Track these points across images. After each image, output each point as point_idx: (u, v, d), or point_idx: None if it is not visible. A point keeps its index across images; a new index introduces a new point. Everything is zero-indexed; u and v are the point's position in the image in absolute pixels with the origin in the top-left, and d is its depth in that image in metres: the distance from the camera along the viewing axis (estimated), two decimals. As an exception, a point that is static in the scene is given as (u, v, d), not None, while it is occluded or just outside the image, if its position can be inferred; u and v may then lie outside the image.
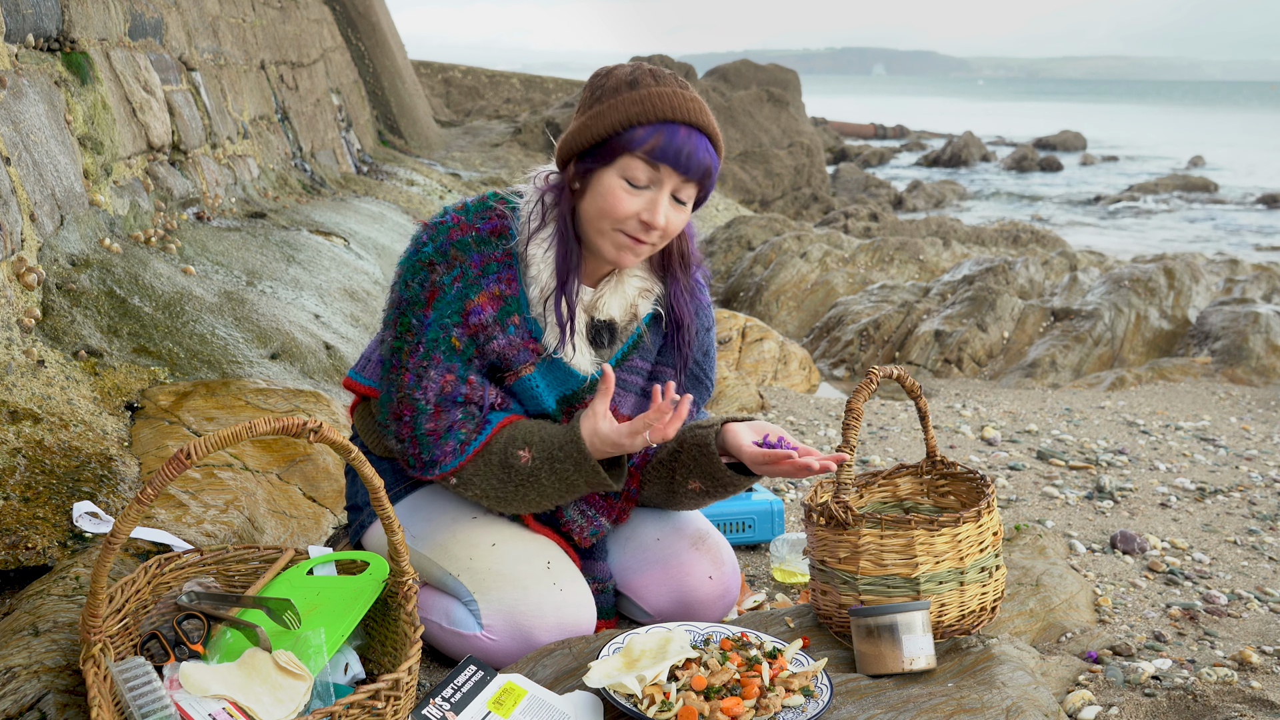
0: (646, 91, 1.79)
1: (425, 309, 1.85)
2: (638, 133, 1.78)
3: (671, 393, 1.78)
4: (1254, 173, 28.90)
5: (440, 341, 1.85)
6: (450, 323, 1.85)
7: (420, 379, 1.85)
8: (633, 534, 2.11)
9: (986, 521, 1.88)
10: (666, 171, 1.79)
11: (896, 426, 4.17)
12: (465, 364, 1.86)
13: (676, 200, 1.84)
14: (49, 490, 2.16)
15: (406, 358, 1.86)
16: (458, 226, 1.87)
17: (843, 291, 7.94)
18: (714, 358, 2.12)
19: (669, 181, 1.81)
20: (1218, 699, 1.88)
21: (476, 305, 1.85)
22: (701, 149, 1.80)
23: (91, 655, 1.42)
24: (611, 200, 1.81)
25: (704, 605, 2.06)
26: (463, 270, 1.85)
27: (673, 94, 1.80)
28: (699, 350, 2.07)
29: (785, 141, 18.20)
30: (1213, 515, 3.17)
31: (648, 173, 1.79)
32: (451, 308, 1.85)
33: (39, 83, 3.46)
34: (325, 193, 7.51)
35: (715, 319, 2.09)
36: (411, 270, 1.87)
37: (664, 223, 1.81)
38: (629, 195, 1.80)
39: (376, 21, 13.70)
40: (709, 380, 2.11)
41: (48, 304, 3.01)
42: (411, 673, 1.50)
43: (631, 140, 1.78)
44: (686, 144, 1.78)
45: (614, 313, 1.95)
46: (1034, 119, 60.89)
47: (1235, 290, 7.49)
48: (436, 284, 1.85)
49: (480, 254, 1.86)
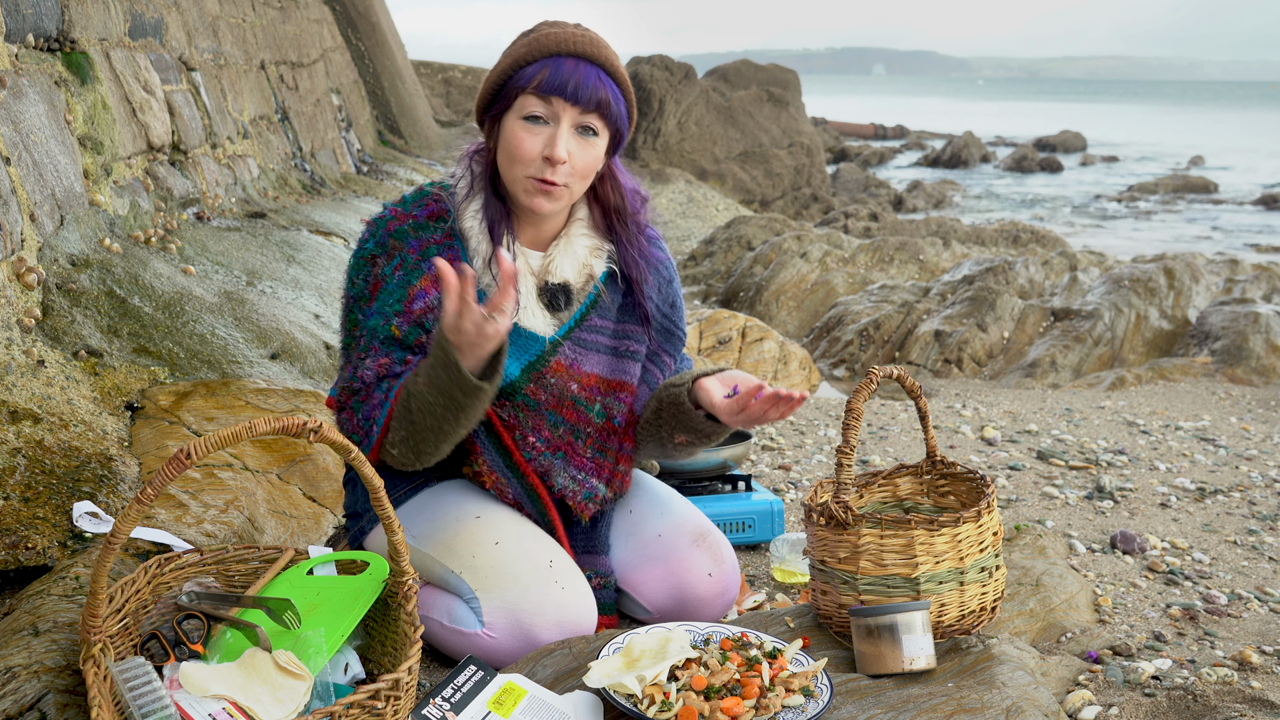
0: (536, 34, 1.85)
1: (369, 302, 1.89)
2: (527, 71, 1.83)
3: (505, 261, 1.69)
4: (1254, 173, 28.91)
5: (379, 330, 1.87)
6: (391, 311, 1.87)
7: (357, 370, 1.88)
8: (634, 530, 2.12)
9: (986, 521, 1.88)
10: (559, 104, 1.83)
11: (896, 426, 4.17)
12: (403, 351, 1.87)
13: (582, 135, 1.86)
14: (49, 490, 2.16)
15: (352, 352, 1.91)
16: (395, 218, 1.92)
17: (843, 291, 7.94)
18: (681, 308, 2.15)
19: (565, 114, 1.84)
20: (1218, 699, 1.88)
21: (420, 290, 1.87)
22: (591, 77, 1.83)
23: (91, 655, 1.42)
24: (514, 143, 1.85)
25: (703, 602, 2.07)
26: (402, 259, 1.89)
27: (561, 31, 1.85)
28: (664, 303, 2.10)
29: (785, 141, 18.19)
30: (1213, 515, 3.17)
31: (542, 107, 1.84)
32: (394, 296, 1.87)
33: (39, 83, 3.46)
34: (325, 193, 7.51)
35: (675, 270, 2.13)
36: (356, 268, 1.91)
37: (565, 154, 1.84)
38: (529, 135, 1.84)
39: (376, 21, 13.70)
40: (679, 330, 2.14)
41: (48, 304, 3.01)
42: (411, 673, 1.50)
43: (522, 78, 1.83)
44: (574, 74, 1.82)
45: (567, 274, 1.97)
46: (1034, 119, 60.91)
47: (1235, 290, 7.49)
48: (379, 276, 1.89)
49: (419, 239, 1.90)
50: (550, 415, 1.99)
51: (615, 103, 1.86)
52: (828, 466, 3.52)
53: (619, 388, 2.04)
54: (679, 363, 2.17)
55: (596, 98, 1.84)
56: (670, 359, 2.13)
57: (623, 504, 2.16)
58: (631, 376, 2.05)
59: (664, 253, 2.11)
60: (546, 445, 1.99)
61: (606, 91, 1.85)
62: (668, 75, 17.28)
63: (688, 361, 2.20)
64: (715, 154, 17.40)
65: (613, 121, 1.88)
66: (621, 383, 2.04)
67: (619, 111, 1.88)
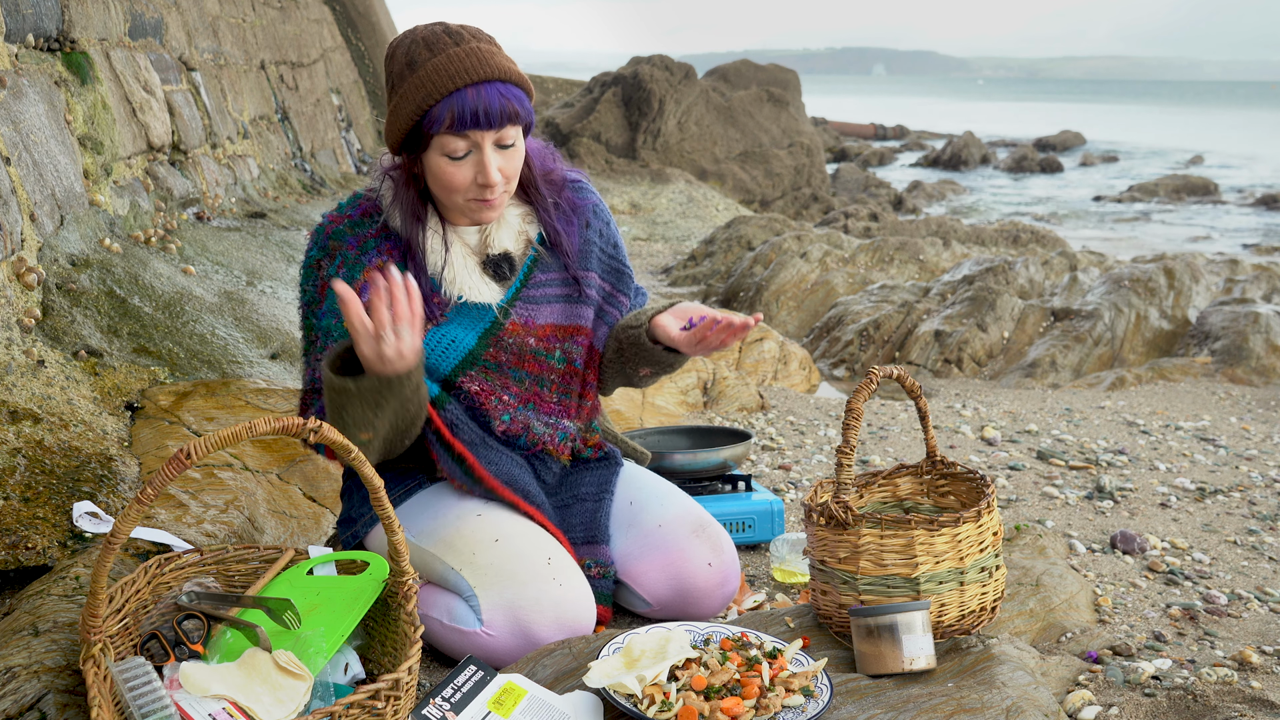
0: (426, 69, 1.85)
1: (319, 304, 1.97)
2: (434, 112, 1.84)
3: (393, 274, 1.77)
4: (1254, 173, 28.90)
5: (333, 330, 1.94)
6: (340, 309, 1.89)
7: (316, 368, 1.95)
8: (634, 520, 2.13)
9: (986, 521, 1.88)
10: (476, 134, 1.86)
11: (896, 426, 4.17)
12: None
13: (503, 149, 1.91)
14: (49, 490, 2.16)
15: (310, 355, 1.99)
16: (332, 222, 2.00)
17: (843, 291, 7.94)
18: (623, 246, 2.22)
19: (485, 139, 1.88)
20: (1218, 699, 1.88)
21: (364, 283, 1.94)
22: (495, 98, 1.85)
23: (91, 655, 1.42)
24: (445, 179, 1.90)
25: (703, 593, 2.07)
26: (343, 257, 1.96)
27: (448, 59, 1.84)
28: (607, 244, 2.17)
29: (785, 141, 18.19)
30: (1213, 515, 3.17)
31: (461, 143, 1.87)
32: None
33: (39, 83, 3.46)
34: (325, 193, 7.51)
35: (607, 209, 2.23)
36: (305, 276, 2.00)
37: (498, 178, 1.90)
38: (456, 168, 1.89)
39: (376, 21, 13.70)
40: (627, 267, 2.21)
41: (48, 304, 3.01)
42: (411, 673, 1.50)
43: (433, 121, 1.85)
44: (479, 103, 1.84)
45: (506, 245, 2.05)
46: (1034, 119, 60.89)
47: (1235, 290, 7.48)
48: (325, 278, 1.97)
49: (356, 236, 1.97)
50: (514, 372, 2.07)
51: (521, 105, 1.90)
52: (828, 466, 3.52)
53: (575, 331, 2.12)
54: (634, 297, 2.24)
55: (506, 114, 1.87)
56: (625, 296, 2.21)
57: (623, 495, 2.17)
58: (585, 319, 2.13)
59: (592, 196, 2.18)
60: (516, 400, 2.07)
61: (513, 103, 1.88)
62: (668, 75, 17.28)
63: (643, 294, 2.28)
64: (715, 154, 17.40)
65: (524, 123, 1.93)
66: (577, 326, 2.12)
67: (525, 109, 1.92)
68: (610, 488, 2.15)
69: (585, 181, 2.18)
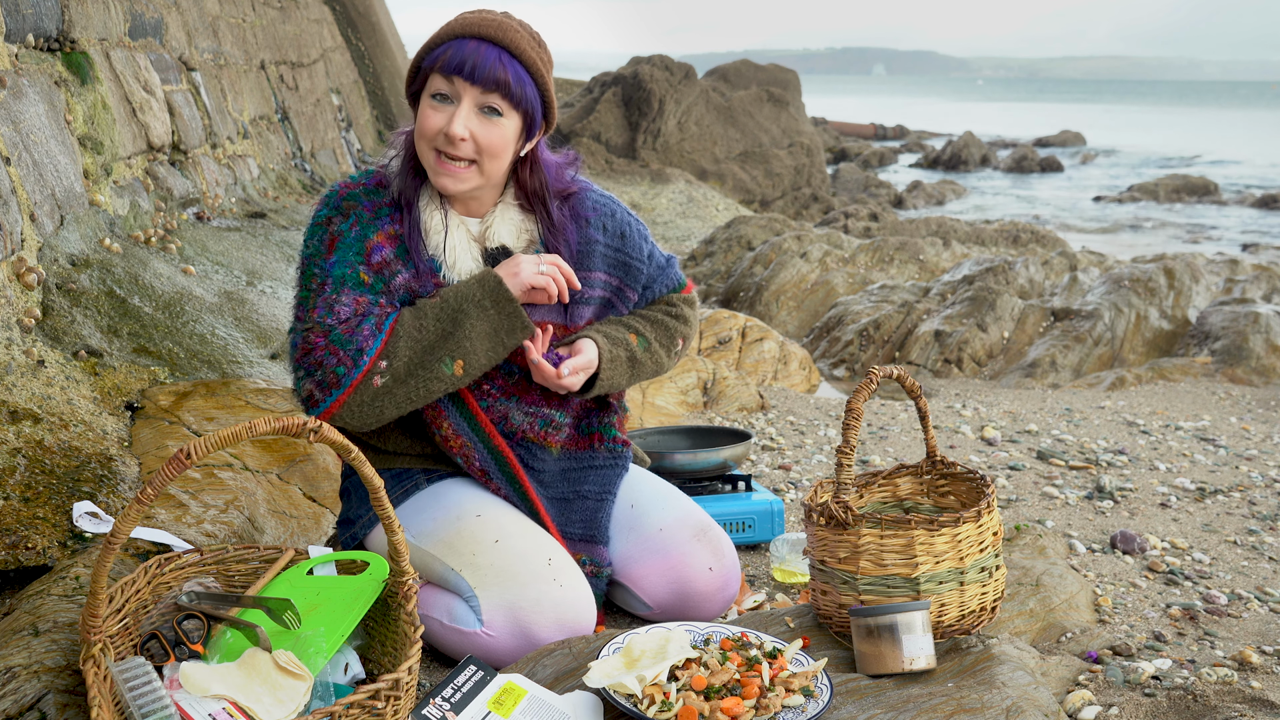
0: (449, 23, 1.93)
1: (327, 255, 1.96)
2: (435, 52, 1.91)
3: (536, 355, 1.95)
4: (1253, 173, 28.89)
5: (348, 278, 1.94)
6: (355, 260, 1.95)
7: (331, 306, 1.93)
8: (635, 524, 2.12)
9: (986, 521, 1.88)
10: (460, 83, 1.89)
11: (896, 426, 4.17)
12: (375, 295, 1.95)
13: (486, 115, 1.91)
14: (49, 490, 2.16)
15: (315, 298, 1.95)
16: (346, 187, 2.02)
17: (843, 291, 7.94)
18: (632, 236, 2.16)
19: (467, 93, 1.89)
20: (1218, 699, 1.88)
21: (376, 243, 1.96)
22: (490, 58, 1.88)
23: (91, 655, 1.42)
24: (422, 121, 1.93)
25: (704, 597, 2.07)
26: (357, 216, 1.97)
27: (472, 15, 1.92)
28: (612, 236, 2.14)
29: (785, 141, 18.19)
30: (1213, 515, 3.17)
31: (446, 85, 1.90)
32: (353, 249, 1.95)
33: (39, 83, 3.46)
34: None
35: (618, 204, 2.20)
36: (311, 232, 2.00)
37: (463, 132, 1.89)
38: (434, 111, 1.91)
39: (376, 21, 13.70)
40: (636, 260, 2.16)
41: (48, 304, 3.01)
42: (411, 673, 1.50)
43: (430, 59, 1.91)
44: (474, 54, 1.87)
45: (505, 239, 2.04)
46: (1034, 119, 60.89)
47: (1235, 290, 7.48)
48: (335, 233, 1.97)
49: (371, 201, 1.99)
50: (504, 364, 2.06)
51: (519, 84, 1.90)
52: (828, 466, 3.52)
53: (570, 331, 2.10)
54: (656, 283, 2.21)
55: (495, 77, 1.88)
56: (631, 291, 2.18)
57: (624, 498, 2.17)
58: (582, 319, 2.12)
59: (593, 195, 2.14)
60: (501, 391, 2.06)
61: (506, 72, 1.89)
62: (668, 75, 17.28)
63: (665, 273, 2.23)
64: (715, 154, 17.40)
65: (518, 103, 1.92)
66: (576, 327, 2.11)
67: (524, 94, 1.92)
68: (613, 489, 2.15)
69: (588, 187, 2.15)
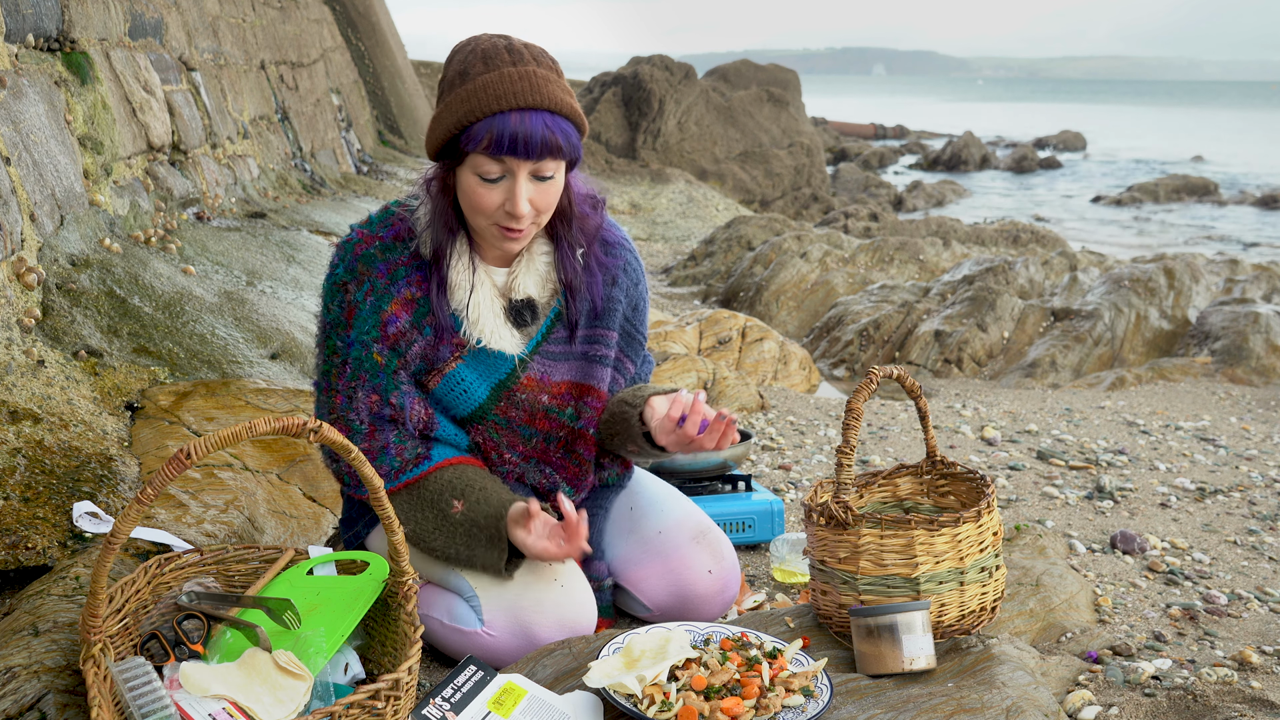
0: (475, 83, 1.77)
1: (346, 329, 1.90)
2: (474, 130, 1.77)
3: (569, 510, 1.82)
4: (1253, 173, 28.89)
5: (364, 360, 1.89)
6: (369, 339, 1.88)
7: (351, 400, 1.90)
8: (634, 527, 2.12)
9: (986, 521, 1.88)
10: (511, 161, 1.78)
11: (896, 426, 4.17)
12: (390, 378, 1.90)
13: (539, 181, 1.83)
14: (49, 490, 2.16)
15: (335, 379, 1.91)
16: (361, 241, 1.90)
17: (843, 291, 7.94)
18: (644, 311, 2.12)
19: (520, 168, 1.79)
20: (1218, 699, 1.88)
21: (391, 314, 1.88)
22: (539, 128, 1.77)
23: (91, 655, 1.42)
24: (474, 198, 1.83)
25: (703, 600, 2.07)
26: (371, 284, 1.88)
27: (500, 78, 1.77)
28: (629, 306, 2.07)
29: (785, 141, 18.19)
30: (1213, 515, 3.17)
31: (496, 166, 1.79)
32: (369, 322, 1.88)
33: (39, 83, 3.47)
34: (325, 193, 7.51)
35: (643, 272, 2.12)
36: (330, 294, 1.92)
37: (527, 209, 1.82)
38: (487, 190, 1.81)
39: (376, 21, 13.70)
40: (640, 334, 2.12)
41: (48, 304, 3.01)
42: (411, 673, 1.50)
43: (470, 139, 1.77)
44: (521, 129, 1.76)
45: (530, 290, 1.97)
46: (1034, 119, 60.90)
47: (1235, 290, 7.48)
48: (352, 302, 1.89)
49: (386, 262, 1.89)
50: (524, 430, 2.01)
51: (566, 140, 1.80)
52: (828, 466, 3.52)
53: (589, 392, 2.04)
54: (640, 365, 2.16)
55: (548, 146, 1.78)
56: (630, 363, 2.12)
57: (623, 501, 2.17)
58: (601, 381, 2.04)
59: (627, 255, 2.07)
60: (521, 458, 2.02)
61: (556, 136, 1.79)
62: (668, 75, 17.28)
63: (649, 362, 2.19)
64: (715, 154, 17.40)
65: (566, 155, 1.83)
66: (591, 387, 2.03)
67: (571, 144, 1.83)
68: (608, 506, 2.14)
69: (625, 243, 2.08)
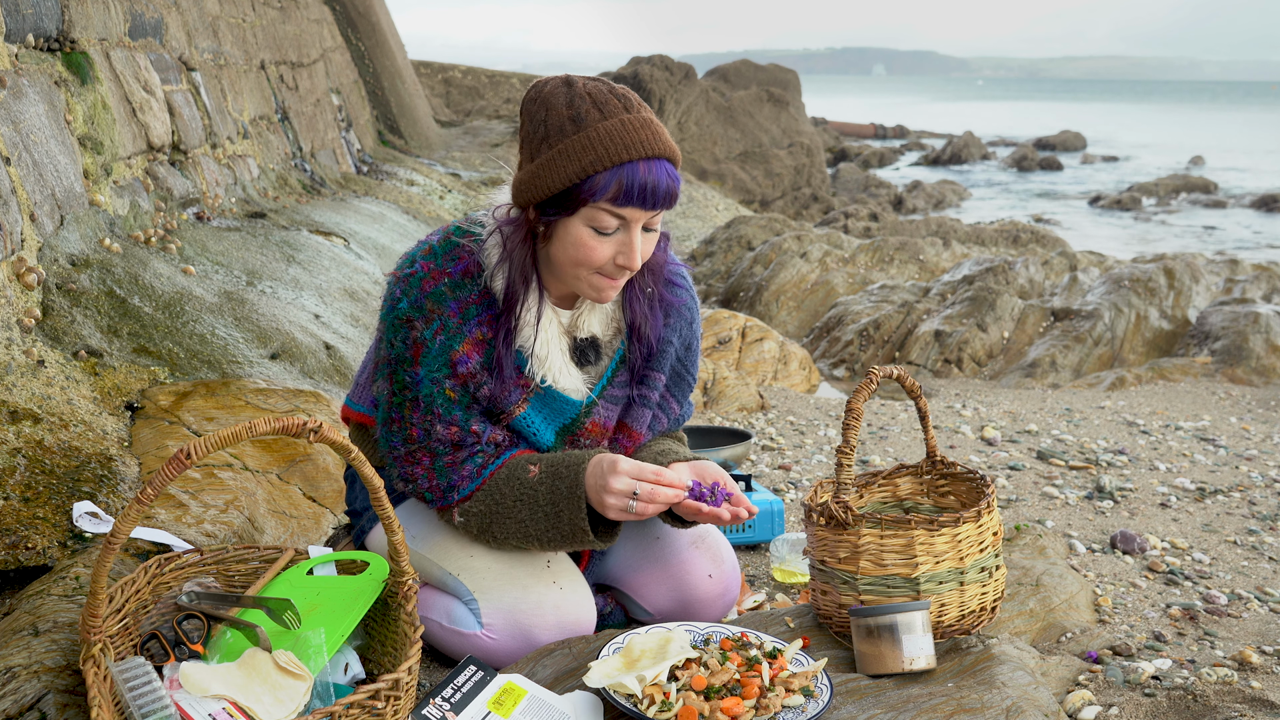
0: (595, 131, 1.70)
1: (414, 366, 1.84)
2: (598, 180, 1.69)
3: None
4: (1253, 173, 28.90)
5: (437, 396, 1.84)
6: (440, 376, 1.84)
7: (429, 433, 1.86)
8: (633, 532, 2.11)
9: (986, 521, 1.88)
10: (633, 211, 1.72)
11: (896, 426, 4.17)
12: (465, 410, 1.87)
13: (648, 230, 1.78)
14: (49, 490, 2.16)
15: (410, 412, 1.86)
16: (429, 275, 1.82)
17: (843, 291, 7.94)
18: (697, 351, 2.10)
19: (638, 219, 1.74)
20: (1218, 699, 1.88)
21: (462, 355, 1.83)
22: (664, 178, 1.72)
23: (91, 655, 1.42)
24: (585, 251, 1.75)
25: (704, 604, 2.06)
26: (442, 323, 1.82)
27: (622, 127, 1.70)
28: (682, 346, 2.05)
29: (785, 141, 18.20)
30: (1213, 515, 3.17)
31: (613, 219, 1.73)
32: (438, 361, 1.83)
33: (39, 83, 3.47)
34: (325, 193, 7.51)
35: (698, 311, 2.08)
36: (392, 328, 1.84)
37: (640, 262, 1.78)
38: (599, 243, 1.74)
39: (376, 21, 13.70)
40: (690, 375, 2.10)
41: (48, 304, 3.01)
42: (411, 673, 1.50)
43: (593, 190, 1.70)
44: (649, 179, 1.70)
45: (595, 329, 1.94)
46: (1034, 119, 60.91)
47: (1235, 290, 7.49)
48: (418, 340, 1.82)
49: (457, 300, 1.82)
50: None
51: (679, 188, 1.75)
52: (828, 466, 3.52)
53: (623, 429, 2.02)
54: (683, 407, 2.13)
55: (671, 196, 1.73)
56: (676, 404, 2.09)
57: None
58: (638, 422, 2.02)
59: (686, 295, 2.04)
60: None
61: (676, 186, 1.73)
62: (668, 75, 17.28)
63: (689, 406, 2.17)
64: (715, 154, 17.41)
65: (675, 205, 1.79)
66: (629, 426, 2.02)
67: (679, 193, 1.78)
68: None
69: (685, 281, 2.03)
